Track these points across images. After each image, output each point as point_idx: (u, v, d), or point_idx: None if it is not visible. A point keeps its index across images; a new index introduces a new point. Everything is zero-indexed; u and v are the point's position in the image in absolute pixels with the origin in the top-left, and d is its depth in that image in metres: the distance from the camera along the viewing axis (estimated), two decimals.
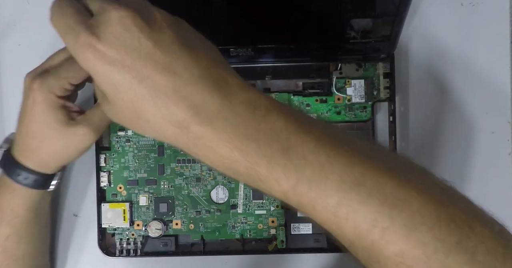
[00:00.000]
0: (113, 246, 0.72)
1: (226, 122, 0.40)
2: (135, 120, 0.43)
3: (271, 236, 0.71)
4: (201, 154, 0.42)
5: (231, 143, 0.40)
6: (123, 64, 0.40)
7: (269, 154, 0.40)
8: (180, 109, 0.40)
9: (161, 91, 0.40)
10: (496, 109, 0.73)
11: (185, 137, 0.41)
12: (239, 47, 0.66)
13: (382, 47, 0.67)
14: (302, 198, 0.40)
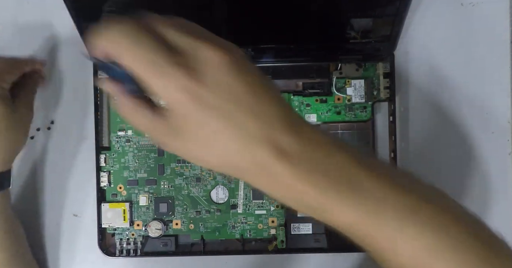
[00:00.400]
0: (113, 246, 0.72)
1: (303, 161, 0.41)
2: (206, 157, 0.42)
3: (271, 236, 0.72)
4: (273, 188, 0.43)
5: (307, 180, 0.41)
6: (220, 109, 0.40)
7: (339, 189, 0.41)
8: (263, 149, 0.40)
9: (250, 135, 0.40)
10: (496, 109, 0.73)
11: (259, 173, 0.42)
12: (240, 47, 0.66)
13: (382, 47, 0.67)
14: (361, 227, 0.42)
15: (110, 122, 0.71)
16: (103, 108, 0.71)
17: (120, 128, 0.71)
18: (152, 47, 0.39)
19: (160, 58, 0.39)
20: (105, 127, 0.71)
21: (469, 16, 0.73)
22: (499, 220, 0.72)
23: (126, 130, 0.71)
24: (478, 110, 0.73)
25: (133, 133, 0.71)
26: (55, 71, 0.73)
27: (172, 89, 0.39)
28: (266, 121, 0.41)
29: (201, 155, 0.42)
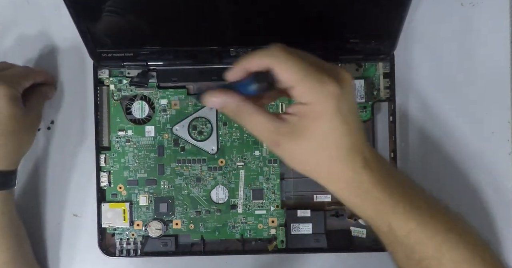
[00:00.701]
0: (113, 246, 0.72)
1: (380, 172, 0.52)
2: (315, 160, 0.52)
3: (271, 236, 0.71)
4: (358, 197, 0.53)
5: (382, 188, 0.52)
6: (346, 118, 0.50)
7: (406, 202, 0.53)
8: (358, 159, 0.52)
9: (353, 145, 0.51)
10: (496, 109, 0.73)
11: (353, 182, 0.52)
12: (240, 47, 0.66)
13: (382, 47, 0.67)
14: (421, 236, 0.53)
15: (110, 122, 0.71)
16: (103, 108, 0.71)
17: (120, 128, 0.71)
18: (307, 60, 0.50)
19: (316, 68, 0.49)
20: (105, 127, 0.71)
21: (469, 16, 0.73)
22: (499, 220, 0.72)
23: (126, 130, 0.71)
24: (478, 110, 0.73)
25: (133, 133, 0.71)
26: (55, 71, 0.73)
27: (324, 94, 0.49)
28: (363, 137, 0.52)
29: (315, 162, 0.52)
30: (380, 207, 0.53)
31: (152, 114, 0.71)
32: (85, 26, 0.62)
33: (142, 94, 0.71)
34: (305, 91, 0.49)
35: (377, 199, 0.52)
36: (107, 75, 0.71)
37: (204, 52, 0.67)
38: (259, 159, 0.71)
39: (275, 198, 0.71)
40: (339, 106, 0.49)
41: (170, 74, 0.71)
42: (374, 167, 0.52)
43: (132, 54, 0.66)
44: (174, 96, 0.71)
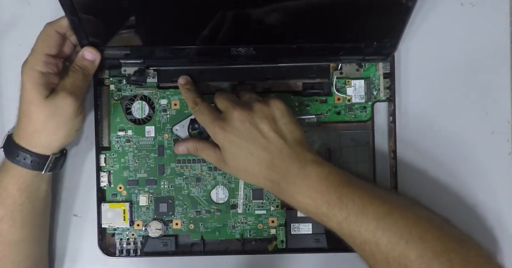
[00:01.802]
0: (113, 246, 0.72)
1: (302, 181, 0.62)
2: (243, 174, 0.66)
3: (271, 236, 0.72)
4: (285, 198, 0.65)
5: (305, 195, 0.62)
6: (241, 145, 0.63)
7: (330, 200, 0.61)
8: (273, 173, 0.63)
9: (263, 162, 0.63)
10: (496, 109, 0.73)
11: (276, 188, 0.64)
12: (240, 47, 0.66)
13: (383, 47, 0.67)
14: (351, 226, 0.61)
15: (110, 122, 0.71)
16: (103, 108, 0.71)
17: (120, 128, 0.71)
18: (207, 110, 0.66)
19: (210, 117, 0.65)
20: (105, 127, 0.71)
21: (469, 16, 0.73)
22: (499, 220, 0.72)
23: (126, 130, 0.71)
24: (478, 110, 0.73)
25: (133, 133, 0.71)
26: None
27: (214, 133, 0.65)
28: (274, 154, 0.63)
29: (243, 176, 0.67)
30: (307, 209, 0.63)
31: (152, 114, 0.71)
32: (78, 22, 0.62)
33: (142, 94, 0.71)
34: (209, 133, 0.66)
35: (302, 203, 0.63)
36: (107, 75, 0.71)
37: (204, 50, 0.67)
38: None
39: (275, 198, 0.71)
40: (227, 139, 0.64)
41: (170, 74, 0.71)
42: (294, 178, 0.63)
43: (128, 52, 0.66)
44: (174, 96, 0.71)
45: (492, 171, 0.73)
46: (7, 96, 0.74)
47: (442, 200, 0.72)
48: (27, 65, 0.63)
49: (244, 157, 0.63)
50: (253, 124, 0.63)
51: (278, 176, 0.63)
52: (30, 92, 0.63)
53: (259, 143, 0.63)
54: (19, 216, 0.65)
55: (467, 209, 0.72)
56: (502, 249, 0.72)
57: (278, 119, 0.64)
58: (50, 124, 0.63)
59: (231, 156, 0.64)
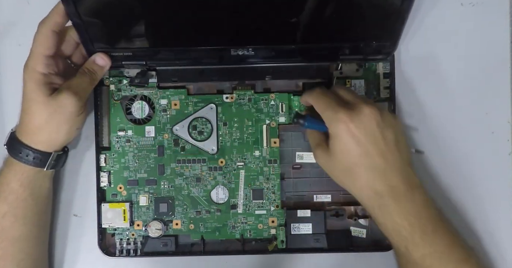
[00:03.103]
0: (113, 246, 0.72)
1: (406, 203, 0.62)
2: (343, 173, 0.64)
3: (271, 236, 0.72)
4: (379, 214, 0.63)
5: (405, 217, 0.61)
6: (360, 142, 0.61)
7: (426, 230, 0.62)
8: (381, 184, 0.62)
9: (375, 168, 0.62)
10: (496, 109, 0.73)
11: (375, 201, 0.63)
12: (240, 47, 0.66)
13: (383, 47, 0.67)
14: (434, 262, 0.62)
15: (110, 122, 0.71)
16: (103, 108, 0.71)
17: (120, 128, 0.71)
18: (330, 97, 0.64)
19: (335, 103, 0.63)
20: (105, 127, 0.71)
21: (469, 16, 0.73)
22: (499, 220, 0.72)
23: (126, 130, 0.71)
24: (478, 110, 0.73)
25: (133, 133, 0.71)
26: None
27: (337, 118, 0.62)
28: (389, 164, 0.62)
29: (341, 176, 0.65)
30: (399, 231, 0.62)
31: (152, 114, 0.71)
32: (81, 24, 0.62)
33: (142, 94, 0.71)
34: (325, 119, 0.63)
35: (397, 224, 0.62)
36: (107, 75, 0.71)
37: (204, 51, 0.67)
38: (259, 159, 0.71)
39: (275, 198, 0.71)
40: (348, 129, 0.61)
41: (170, 74, 0.70)
42: (401, 196, 0.62)
43: (131, 54, 0.66)
44: (174, 96, 0.71)
45: (492, 171, 0.73)
46: (7, 96, 0.74)
47: (442, 200, 0.72)
48: (28, 67, 0.64)
49: (357, 155, 0.62)
50: (380, 127, 0.62)
51: (385, 189, 0.62)
52: (32, 92, 0.63)
53: (379, 148, 0.61)
54: (21, 213, 0.66)
55: (467, 209, 0.72)
56: (502, 249, 0.72)
57: (399, 134, 0.64)
58: (52, 122, 0.64)
59: (343, 149, 0.62)
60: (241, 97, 0.71)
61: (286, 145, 0.72)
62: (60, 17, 0.63)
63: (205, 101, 0.71)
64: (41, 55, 0.63)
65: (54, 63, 0.65)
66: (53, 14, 0.63)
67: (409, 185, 0.62)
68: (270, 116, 0.71)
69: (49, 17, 0.64)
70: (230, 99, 0.71)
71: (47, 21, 0.64)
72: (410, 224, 0.61)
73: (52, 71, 0.65)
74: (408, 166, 0.63)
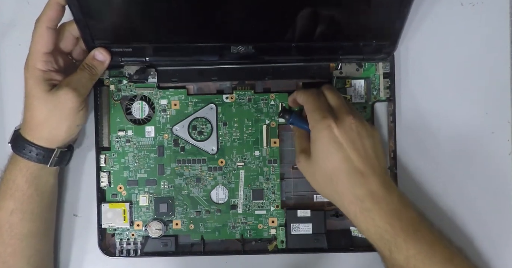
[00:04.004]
0: (113, 246, 0.72)
1: (387, 206, 0.63)
2: (324, 179, 0.65)
3: (271, 236, 0.72)
4: (361, 219, 0.63)
5: (386, 220, 0.62)
6: (341, 147, 0.63)
7: (408, 231, 0.62)
8: (362, 188, 0.63)
9: (355, 173, 0.63)
10: (496, 109, 0.73)
11: (356, 206, 0.63)
12: (240, 45, 0.66)
13: (383, 47, 0.67)
14: (417, 264, 0.62)
15: (110, 122, 0.71)
16: (103, 108, 0.71)
17: (120, 128, 0.71)
18: (321, 101, 0.66)
19: (324, 107, 0.65)
20: (105, 127, 0.71)
21: (469, 16, 0.73)
22: (499, 220, 0.72)
23: (126, 130, 0.71)
24: (478, 110, 0.73)
25: (133, 134, 0.71)
26: None
27: (322, 122, 0.64)
28: (369, 169, 0.63)
29: (322, 182, 0.66)
30: (382, 234, 0.63)
31: (152, 114, 0.71)
32: (83, 19, 0.62)
33: (142, 94, 0.71)
34: (310, 120, 0.65)
35: (379, 228, 0.63)
36: (107, 75, 0.71)
37: (204, 48, 0.67)
38: (259, 159, 0.71)
39: (275, 198, 0.71)
40: (331, 134, 0.63)
41: (170, 74, 0.71)
42: (380, 200, 0.63)
43: (131, 50, 0.66)
44: (174, 96, 0.71)
45: (492, 171, 0.73)
46: (7, 96, 0.74)
47: (442, 200, 0.72)
48: (27, 65, 0.64)
49: (338, 159, 0.63)
50: (360, 136, 0.64)
51: (365, 193, 0.63)
52: (33, 88, 0.64)
53: (359, 153, 0.63)
54: (28, 209, 0.66)
55: (467, 209, 0.72)
56: (500, 249, 0.73)
57: (377, 143, 0.66)
58: (52, 117, 0.64)
59: (325, 152, 0.64)
60: (241, 97, 0.71)
61: (286, 145, 0.72)
62: (54, 11, 0.64)
63: (205, 101, 0.71)
64: (39, 52, 0.64)
65: (54, 59, 0.66)
66: (47, 10, 0.64)
67: (387, 189, 0.63)
68: (270, 116, 0.71)
69: (43, 13, 0.64)
70: (230, 99, 0.71)
71: (42, 18, 0.64)
72: (392, 227, 0.62)
73: (52, 68, 0.65)
74: (384, 173, 0.65)
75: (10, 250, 0.66)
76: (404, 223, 0.63)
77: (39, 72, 0.64)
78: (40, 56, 0.64)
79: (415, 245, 0.62)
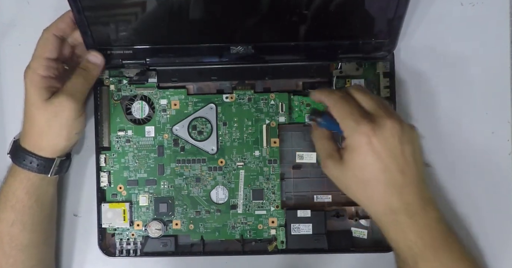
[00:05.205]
0: (113, 246, 0.72)
1: (421, 220, 0.60)
2: (357, 186, 0.62)
3: (271, 237, 0.71)
4: (391, 230, 0.62)
5: (418, 234, 0.60)
6: (380, 156, 0.59)
7: (438, 247, 0.61)
8: (398, 200, 0.60)
9: (393, 184, 0.60)
10: (496, 109, 0.73)
11: (388, 217, 0.61)
12: (240, 45, 0.66)
13: (383, 46, 0.67)
14: None
15: (110, 122, 0.71)
16: (103, 108, 0.71)
17: (120, 128, 0.71)
18: (352, 105, 0.61)
19: (357, 112, 0.61)
20: (105, 127, 0.71)
21: (469, 16, 0.73)
22: (499, 220, 0.72)
23: (126, 130, 0.71)
24: (478, 110, 0.73)
25: (133, 133, 0.71)
26: None
27: (358, 129, 0.60)
28: (407, 180, 0.60)
29: (355, 189, 0.63)
30: (411, 247, 0.61)
31: (152, 114, 0.71)
32: (84, 21, 0.62)
33: (142, 94, 0.71)
34: (344, 128, 0.61)
35: (410, 241, 0.61)
36: (107, 75, 0.71)
37: (204, 49, 0.67)
38: (259, 159, 0.71)
39: (275, 198, 0.71)
40: (370, 143, 0.59)
41: (170, 74, 0.71)
42: (415, 213, 0.61)
43: (131, 52, 0.66)
44: (174, 96, 0.71)
45: (492, 171, 0.73)
46: (7, 96, 0.74)
47: (442, 200, 0.72)
48: (29, 70, 0.64)
49: (376, 169, 0.60)
50: (401, 142, 0.60)
51: (401, 206, 0.60)
52: (32, 96, 0.63)
53: (398, 163, 0.60)
54: (29, 220, 0.66)
55: (467, 209, 0.72)
56: (501, 249, 0.72)
57: (417, 148, 0.62)
58: (51, 126, 0.64)
59: (362, 162, 0.61)
60: (241, 97, 0.71)
61: (286, 145, 0.72)
62: (64, 24, 0.65)
63: (205, 101, 0.71)
64: (42, 57, 0.64)
65: (55, 66, 0.65)
66: (58, 21, 0.65)
67: (423, 201, 0.61)
68: (270, 116, 0.71)
69: (53, 24, 0.65)
70: (230, 99, 0.71)
71: (51, 27, 0.65)
72: (422, 241, 0.60)
73: (53, 74, 0.65)
74: (422, 180, 0.62)
75: (12, 261, 0.66)
76: (435, 237, 0.61)
77: (39, 78, 0.64)
78: (42, 61, 0.64)
79: (441, 259, 0.61)
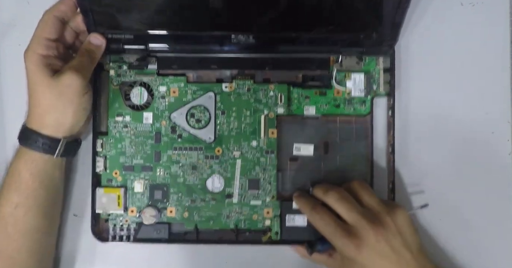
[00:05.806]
0: (106, 232, 0.71)
1: None
2: None
3: (265, 227, 0.71)
4: None
5: None
6: (373, 261, 0.63)
7: None
8: None
9: None
10: (496, 109, 0.73)
11: None
12: (241, 34, 0.67)
13: (383, 40, 0.67)
14: None
15: (109, 108, 0.71)
16: (102, 93, 0.72)
17: (118, 113, 0.71)
18: (331, 223, 0.65)
19: (337, 230, 0.64)
20: (103, 112, 0.71)
21: (469, 16, 0.74)
22: (499, 221, 0.71)
23: (124, 115, 0.71)
24: (478, 110, 0.73)
25: (131, 119, 0.71)
26: None
27: (345, 251, 0.63)
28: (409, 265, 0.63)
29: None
30: None
31: (150, 100, 0.71)
32: (86, 5, 0.63)
33: (141, 80, 0.72)
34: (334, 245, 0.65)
35: None
36: (108, 60, 0.71)
37: (205, 37, 0.67)
38: (256, 149, 0.71)
39: (271, 189, 0.71)
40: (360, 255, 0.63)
41: (170, 61, 0.71)
42: None
43: (132, 37, 0.67)
44: (173, 84, 0.71)
45: (492, 171, 0.72)
46: (7, 96, 0.74)
47: (441, 199, 0.71)
48: (28, 50, 0.64)
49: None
50: (387, 241, 0.63)
51: None
52: (35, 74, 0.63)
53: (390, 259, 0.63)
54: (33, 203, 0.65)
55: (467, 209, 0.72)
56: (501, 249, 0.71)
57: (405, 231, 0.65)
58: (58, 103, 0.64)
59: None
60: (240, 87, 0.71)
61: (284, 136, 0.72)
62: (65, 6, 0.65)
63: (204, 90, 0.71)
64: (41, 37, 0.65)
65: (54, 46, 0.66)
66: (59, 4, 0.66)
67: None
68: (269, 107, 0.71)
69: (54, 6, 0.66)
70: (229, 88, 0.71)
71: (51, 8, 0.66)
72: None
73: (52, 54, 0.65)
74: (420, 255, 0.65)
75: (15, 245, 0.65)
76: None
77: (39, 57, 0.64)
78: (42, 40, 0.64)
79: None
